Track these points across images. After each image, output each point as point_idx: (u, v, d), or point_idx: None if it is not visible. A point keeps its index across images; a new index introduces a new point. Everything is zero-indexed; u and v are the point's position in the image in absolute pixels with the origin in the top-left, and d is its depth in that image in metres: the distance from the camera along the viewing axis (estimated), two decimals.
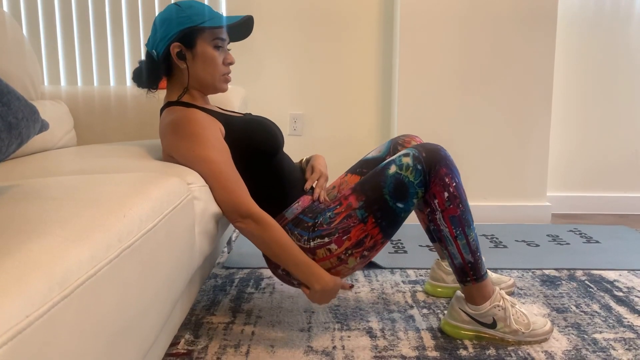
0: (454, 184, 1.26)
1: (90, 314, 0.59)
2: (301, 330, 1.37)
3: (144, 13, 2.59)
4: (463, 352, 1.25)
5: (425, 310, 1.49)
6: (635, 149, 2.76)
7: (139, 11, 2.58)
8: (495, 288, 1.32)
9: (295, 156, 2.67)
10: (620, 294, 1.61)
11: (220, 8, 2.60)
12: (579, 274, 1.79)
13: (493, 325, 1.29)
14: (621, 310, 1.49)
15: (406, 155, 1.26)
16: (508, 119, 2.50)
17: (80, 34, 2.61)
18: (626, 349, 1.27)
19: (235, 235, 2.28)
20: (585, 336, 1.34)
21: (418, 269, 1.84)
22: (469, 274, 1.29)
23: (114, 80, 2.64)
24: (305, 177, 1.42)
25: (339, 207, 1.27)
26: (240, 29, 1.38)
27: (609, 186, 2.79)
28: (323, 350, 1.27)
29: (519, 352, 1.25)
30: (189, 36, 1.29)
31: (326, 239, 1.26)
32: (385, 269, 1.84)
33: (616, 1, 2.65)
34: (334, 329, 1.38)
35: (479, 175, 2.54)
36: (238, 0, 2.58)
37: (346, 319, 1.44)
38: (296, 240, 1.28)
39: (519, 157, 2.53)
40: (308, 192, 1.39)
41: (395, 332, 1.36)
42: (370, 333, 1.36)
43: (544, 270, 1.82)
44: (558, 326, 1.39)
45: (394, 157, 1.28)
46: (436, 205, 1.27)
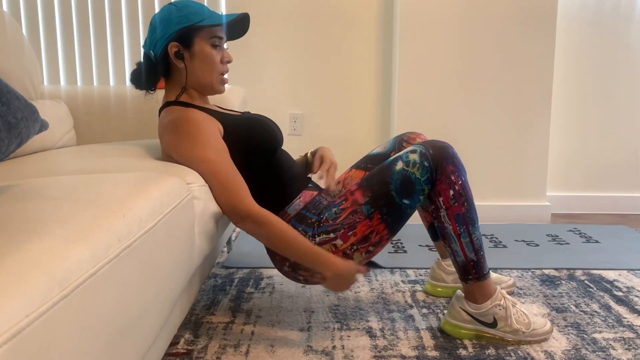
0: (460, 182, 1.26)
1: (90, 314, 0.59)
2: (301, 330, 1.37)
3: (144, 13, 2.59)
4: (463, 352, 1.25)
5: (424, 310, 1.49)
6: (635, 149, 2.76)
7: (139, 11, 2.58)
8: (497, 287, 1.32)
9: (295, 156, 2.67)
10: (620, 294, 1.61)
11: (219, 8, 2.60)
12: (578, 273, 1.79)
13: (494, 325, 1.29)
14: (621, 310, 1.50)
15: (413, 151, 1.26)
16: (508, 119, 2.50)
17: (80, 34, 2.61)
18: (626, 349, 1.27)
19: (235, 235, 2.28)
20: (584, 336, 1.34)
21: (418, 268, 1.84)
22: (471, 272, 1.29)
23: (113, 80, 2.64)
24: (313, 168, 1.42)
25: (344, 203, 1.27)
26: (237, 27, 1.38)
27: (608, 186, 2.79)
28: (323, 350, 1.27)
29: (519, 352, 1.25)
30: (186, 35, 1.29)
31: (331, 235, 1.26)
32: (385, 268, 1.84)
33: (616, 1, 2.65)
34: (334, 329, 1.38)
35: (479, 175, 2.54)
36: (237, 0, 2.58)
37: (346, 319, 1.44)
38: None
39: (519, 157, 2.53)
40: (309, 187, 1.39)
41: (395, 332, 1.36)
42: (370, 333, 1.36)
43: (543, 270, 1.82)
44: (558, 326, 1.39)
45: (401, 154, 1.28)
46: (441, 202, 1.27)
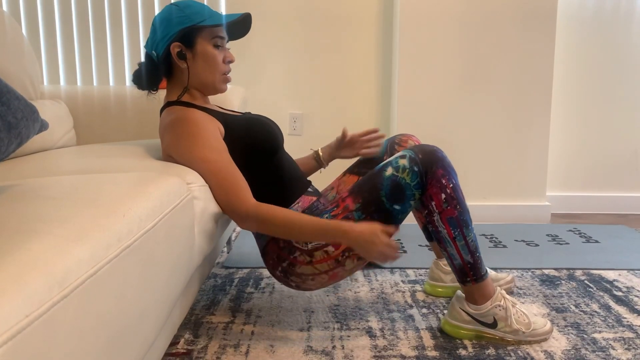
0: (451, 185, 1.26)
1: (90, 314, 0.59)
2: (301, 330, 1.37)
3: (144, 13, 2.59)
4: (462, 352, 1.25)
5: (424, 310, 1.49)
6: (635, 149, 2.76)
7: (139, 11, 2.58)
8: (497, 288, 1.32)
9: (295, 156, 2.67)
10: (620, 294, 1.61)
11: (219, 8, 2.60)
12: (578, 273, 1.79)
13: (494, 325, 1.29)
14: (620, 310, 1.50)
15: (402, 157, 1.26)
16: (508, 118, 2.50)
17: (79, 34, 2.61)
18: (625, 349, 1.27)
19: (235, 235, 2.28)
20: (584, 336, 1.34)
21: (417, 268, 1.84)
22: (469, 274, 1.29)
23: (113, 80, 2.64)
24: (342, 140, 1.52)
25: (336, 209, 1.27)
26: (239, 27, 1.38)
27: (608, 186, 2.80)
28: (323, 349, 1.27)
29: (519, 352, 1.25)
30: (188, 35, 1.29)
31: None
32: (384, 268, 1.84)
33: (616, 0, 2.65)
34: (334, 329, 1.38)
35: (479, 175, 2.54)
36: (238, 0, 2.58)
37: (346, 319, 1.44)
38: (294, 241, 1.28)
39: (519, 157, 2.53)
40: (308, 192, 1.39)
41: (395, 332, 1.36)
42: (369, 333, 1.36)
43: (543, 270, 1.82)
44: (557, 326, 1.39)
45: (390, 159, 1.28)
46: (433, 207, 1.26)
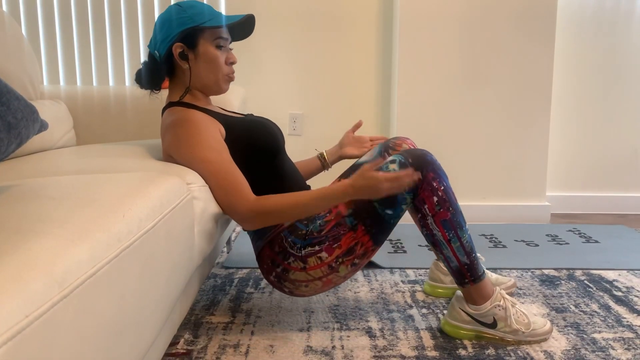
0: (442, 187, 1.26)
1: (90, 314, 0.59)
2: (300, 330, 1.37)
3: (143, 13, 2.59)
4: (462, 352, 1.25)
5: (424, 310, 1.49)
6: (635, 149, 2.76)
7: (138, 11, 2.58)
8: (496, 288, 1.31)
9: (295, 156, 2.67)
10: (620, 294, 1.61)
11: (219, 8, 2.60)
12: (578, 273, 1.79)
13: (493, 325, 1.29)
14: (620, 310, 1.50)
15: (392, 161, 1.26)
16: (507, 119, 2.51)
17: (79, 34, 2.61)
18: (625, 349, 1.27)
19: (234, 235, 2.28)
20: (584, 336, 1.34)
21: (417, 268, 1.84)
22: (466, 275, 1.29)
23: (113, 80, 2.64)
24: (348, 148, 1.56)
25: (328, 215, 1.27)
26: (242, 28, 1.37)
27: (608, 186, 2.80)
28: (322, 350, 1.27)
29: (518, 352, 1.25)
30: (191, 36, 1.29)
31: (317, 247, 1.25)
32: (384, 268, 1.84)
33: (616, 0, 2.65)
34: (334, 329, 1.38)
35: (478, 175, 2.54)
36: (238, 0, 2.58)
37: (345, 319, 1.44)
38: (289, 247, 1.27)
39: (518, 157, 2.53)
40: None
41: (395, 332, 1.36)
42: (369, 333, 1.36)
43: (543, 270, 1.83)
44: (557, 326, 1.39)
45: (381, 165, 1.27)
46: (426, 210, 1.26)
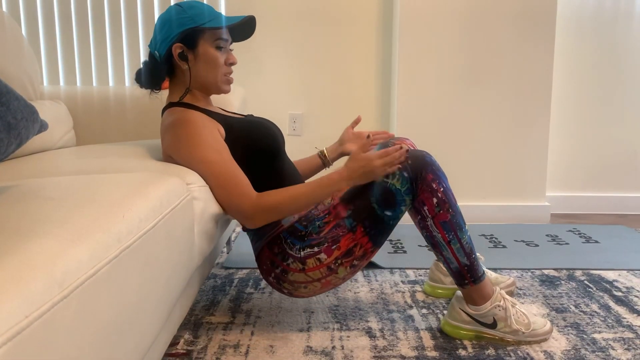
0: (441, 188, 1.26)
1: (90, 314, 0.59)
2: (300, 330, 1.37)
3: (143, 13, 2.59)
4: (462, 352, 1.25)
5: (424, 310, 1.49)
6: (635, 149, 2.76)
7: (138, 11, 2.58)
8: (496, 288, 1.31)
9: (295, 156, 2.67)
10: (620, 294, 1.61)
11: (219, 8, 2.60)
12: (578, 273, 1.79)
13: (493, 325, 1.29)
14: (620, 310, 1.50)
15: None
16: (507, 119, 2.50)
17: (79, 34, 2.61)
18: (625, 349, 1.27)
19: (234, 235, 2.28)
20: (584, 336, 1.34)
21: (417, 269, 1.84)
22: (467, 276, 1.29)
23: (112, 81, 2.64)
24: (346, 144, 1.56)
25: (327, 217, 1.27)
26: (243, 29, 1.37)
27: (608, 186, 2.80)
28: (322, 350, 1.27)
29: (518, 352, 1.25)
30: (190, 37, 1.29)
31: (315, 249, 1.25)
32: (384, 268, 1.84)
33: (616, 0, 2.65)
34: (333, 329, 1.38)
35: (478, 175, 2.54)
36: (238, 1, 2.58)
37: (345, 319, 1.44)
38: (288, 248, 1.27)
39: (518, 157, 2.53)
40: None
41: (395, 332, 1.36)
42: (369, 333, 1.36)
43: (543, 270, 1.82)
44: (557, 326, 1.39)
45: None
46: (426, 212, 1.26)
